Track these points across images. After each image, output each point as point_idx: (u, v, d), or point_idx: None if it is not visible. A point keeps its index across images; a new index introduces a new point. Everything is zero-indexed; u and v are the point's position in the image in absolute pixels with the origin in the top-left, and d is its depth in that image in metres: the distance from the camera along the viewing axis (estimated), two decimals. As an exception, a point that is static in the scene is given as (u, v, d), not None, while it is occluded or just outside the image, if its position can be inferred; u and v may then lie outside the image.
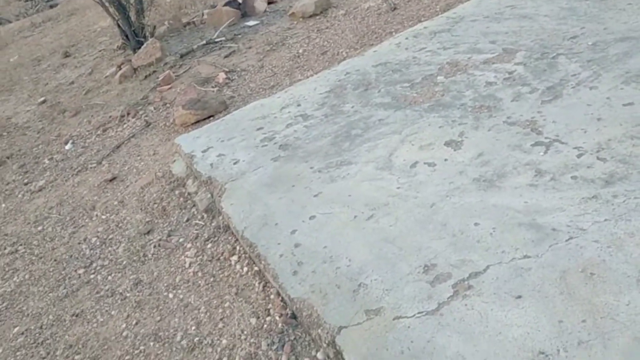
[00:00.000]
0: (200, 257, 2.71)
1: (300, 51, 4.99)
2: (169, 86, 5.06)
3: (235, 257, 2.60)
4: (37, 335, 2.60)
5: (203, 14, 7.04)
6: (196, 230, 2.93)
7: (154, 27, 6.65)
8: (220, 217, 2.89)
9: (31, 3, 13.46)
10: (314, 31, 5.40)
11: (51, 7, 13.11)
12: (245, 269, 2.50)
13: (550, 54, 3.16)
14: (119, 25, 6.33)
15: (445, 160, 2.54)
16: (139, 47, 6.06)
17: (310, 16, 5.79)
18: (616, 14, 3.40)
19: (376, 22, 5.06)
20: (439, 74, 3.36)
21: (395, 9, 5.18)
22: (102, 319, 2.55)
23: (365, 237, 2.22)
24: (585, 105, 2.60)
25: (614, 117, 2.44)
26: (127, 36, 6.33)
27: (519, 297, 1.75)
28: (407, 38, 4.05)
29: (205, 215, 3.00)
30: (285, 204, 2.60)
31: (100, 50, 7.38)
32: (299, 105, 3.54)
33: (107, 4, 6.18)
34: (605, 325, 1.58)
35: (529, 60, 3.16)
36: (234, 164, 3.10)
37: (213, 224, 2.91)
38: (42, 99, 6.09)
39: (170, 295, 2.53)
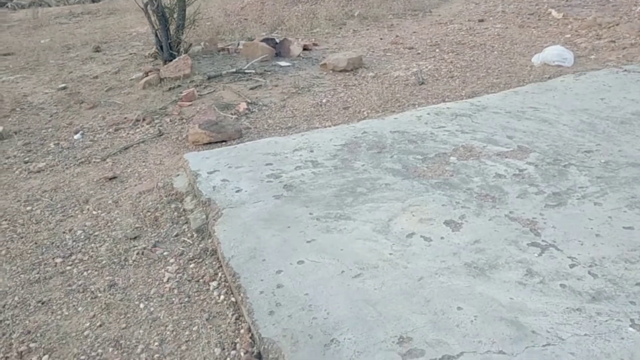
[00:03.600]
0: (180, 274, 2.69)
1: (324, 101, 5.09)
2: (190, 103, 5.14)
3: (214, 283, 2.58)
4: (-3, 313, 2.55)
5: (239, 44, 7.21)
6: (183, 247, 2.92)
7: (190, 45, 6.80)
8: (210, 240, 2.89)
9: (76, -7, 13.77)
10: (341, 85, 5.53)
11: (93, 1, 13.40)
12: (222, 297, 2.48)
13: (562, 162, 3.24)
14: (156, 35, 6.47)
15: (442, 238, 2.56)
16: (170, 60, 6.18)
17: (341, 71, 5.94)
18: (633, 139, 3.49)
19: (402, 91, 5.19)
20: (453, 154, 3.42)
21: (422, 83, 5.33)
22: (67, 313, 2.50)
23: (348, 294, 2.21)
24: (587, 218, 2.65)
25: (612, 237, 2.48)
26: (161, 47, 6.46)
27: (487, 390, 1.74)
28: (428, 113, 4.15)
29: (195, 235, 3.00)
30: (277, 243, 2.61)
31: (131, 53, 7.51)
32: (311, 151, 3.59)
33: (150, 12, 6.34)
34: None
35: (541, 163, 3.23)
36: (236, 192, 3.12)
37: (201, 245, 2.90)
38: (63, 85, 6.16)
39: (142, 306, 2.49)
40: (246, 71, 6.03)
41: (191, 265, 2.76)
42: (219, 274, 2.64)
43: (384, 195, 2.98)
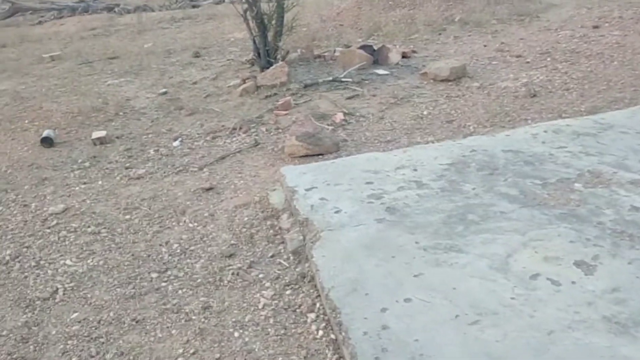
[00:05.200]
0: (277, 301, 2.53)
1: (425, 113, 4.81)
2: (286, 112, 5.03)
3: (312, 315, 2.39)
4: (92, 328, 2.51)
5: (335, 51, 7.06)
6: (279, 270, 2.77)
7: (287, 52, 6.73)
8: (307, 265, 2.71)
9: (177, -1, 14.29)
10: (443, 96, 5.22)
11: (193, 6, 13.83)
12: (321, 332, 2.29)
13: None
14: (254, 41, 6.45)
15: (573, 282, 2.23)
16: (267, 67, 6.13)
17: (442, 80, 5.62)
18: None
19: (511, 104, 4.80)
20: (578, 180, 3.05)
21: (534, 96, 4.91)
22: (160, 335, 2.42)
23: (466, 345, 1.95)
24: None
25: None
26: (258, 53, 6.43)
27: None
28: (545, 131, 3.77)
29: (291, 257, 2.84)
30: (381, 275, 2.38)
31: (228, 59, 7.57)
32: (415, 170, 3.34)
33: (249, 18, 6.32)
34: None
35: (687, 195, 2.80)
36: (335, 212, 2.93)
37: (297, 270, 2.73)
38: (164, 90, 6.28)
39: (236, 334, 2.35)
40: (343, 79, 5.86)
41: (287, 292, 2.59)
42: (317, 305, 2.45)
43: (500, 226, 2.68)
